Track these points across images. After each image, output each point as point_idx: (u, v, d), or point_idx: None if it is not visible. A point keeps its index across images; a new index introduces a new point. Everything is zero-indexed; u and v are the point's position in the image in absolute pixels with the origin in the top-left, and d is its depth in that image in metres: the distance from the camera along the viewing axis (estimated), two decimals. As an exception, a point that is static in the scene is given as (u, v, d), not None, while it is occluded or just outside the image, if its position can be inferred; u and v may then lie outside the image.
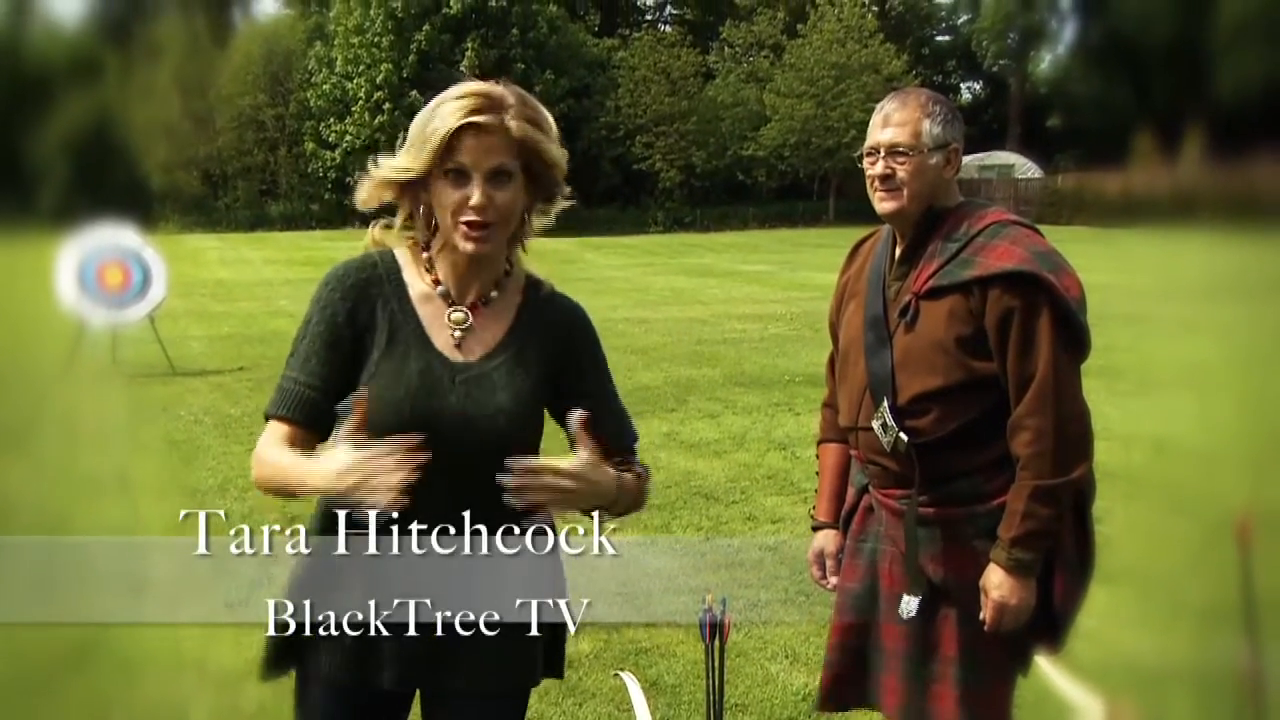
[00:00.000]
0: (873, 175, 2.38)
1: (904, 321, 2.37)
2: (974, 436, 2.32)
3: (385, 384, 1.81)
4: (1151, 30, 5.15)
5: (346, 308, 1.86)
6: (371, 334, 1.85)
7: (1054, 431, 2.23)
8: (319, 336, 1.85)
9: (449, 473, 1.73)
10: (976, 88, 51.59)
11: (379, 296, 1.88)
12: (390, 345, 1.85)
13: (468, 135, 1.80)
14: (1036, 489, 2.24)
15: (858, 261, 2.59)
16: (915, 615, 2.39)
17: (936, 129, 2.34)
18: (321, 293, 1.88)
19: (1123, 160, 6.00)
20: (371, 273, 1.90)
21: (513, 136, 1.82)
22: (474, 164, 1.82)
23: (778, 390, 9.48)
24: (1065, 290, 2.25)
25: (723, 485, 6.49)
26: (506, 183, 1.83)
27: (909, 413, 2.35)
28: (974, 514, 2.34)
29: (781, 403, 8.93)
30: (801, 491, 6.19)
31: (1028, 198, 35.94)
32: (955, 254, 2.33)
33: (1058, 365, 2.24)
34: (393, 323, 1.86)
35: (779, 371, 10.40)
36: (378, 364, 1.83)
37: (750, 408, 8.77)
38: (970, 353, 2.30)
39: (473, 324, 1.90)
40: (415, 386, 1.82)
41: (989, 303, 2.27)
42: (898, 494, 2.41)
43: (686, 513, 5.97)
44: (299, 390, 1.83)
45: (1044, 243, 2.33)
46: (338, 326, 1.85)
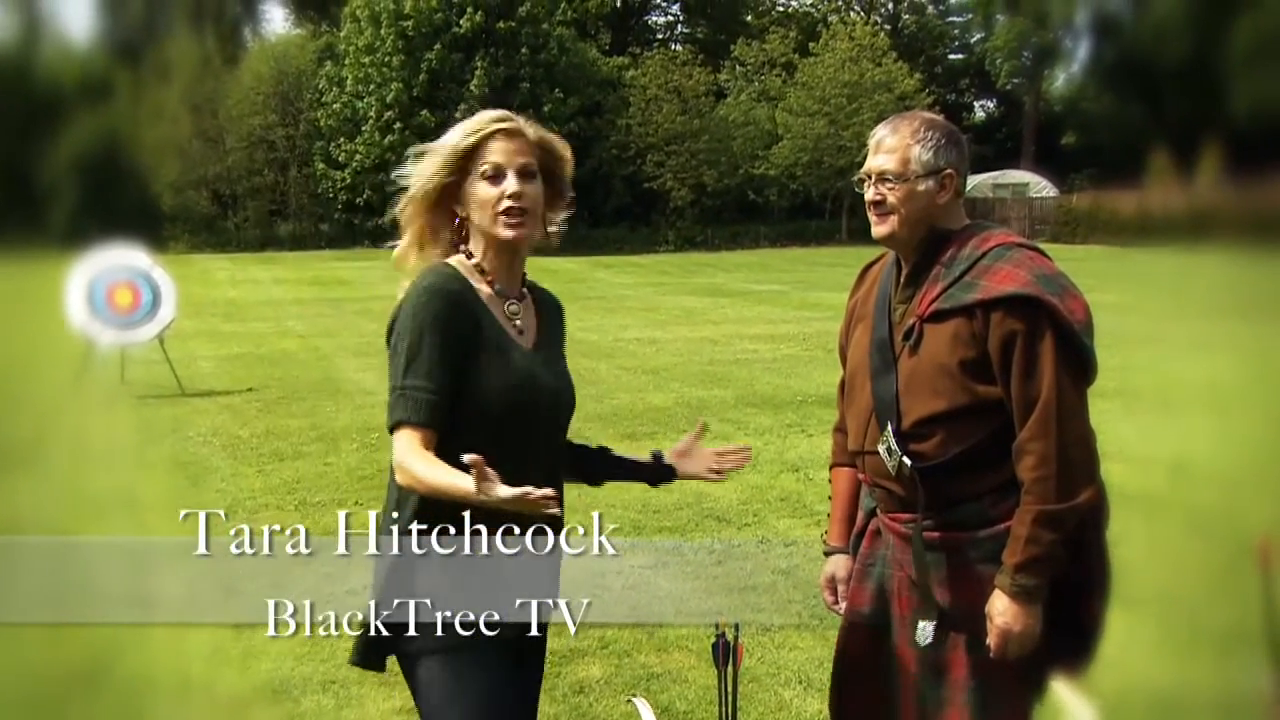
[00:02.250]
0: (866, 200, 2.41)
1: (908, 345, 2.38)
2: (978, 461, 2.32)
3: (498, 376, 2.10)
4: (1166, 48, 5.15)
5: (454, 316, 2.09)
6: (475, 336, 2.11)
7: (1057, 456, 2.23)
8: (437, 347, 2.06)
9: (546, 439, 2.16)
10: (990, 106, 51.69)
11: (469, 302, 2.13)
12: (488, 343, 2.12)
13: (497, 139, 2.16)
14: (1040, 514, 2.24)
15: (866, 284, 2.60)
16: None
17: (927, 155, 2.36)
18: (431, 306, 2.08)
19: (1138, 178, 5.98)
20: (458, 283, 2.14)
21: (531, 140, 2.19)
22: (507, 162, 2.15)
23: (790, 411, 9.47)
24: (1069, 313, 2.25)
25: (735, 507, 6.47)
26: (533, 179, 2.18)
27: (913, 437, 2.35)
28: (978, 539, 2.34)
29: (794, 424, 8.92)
30: (815, 514, 6.16)
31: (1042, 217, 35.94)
32: (959, 277, 2.34)
33: (1061, 389, 2.24)
34: (484, 323, 2.13)
35: (791, 392, 10.39)
36: (486, 361, 2.10)
37: (762, 429, 8.75)
38: (974, 376, 2.30)
39: (521, 315, 2.22)
40: (521, 373, 2.13)
41: (992, 326, 2.28)
42: (904, 518, 2.42)
43: (698, 535, 5.95)
44: (429, 399, 2.04)
45: (1049, 265, 2.33)
46: (450, 335, 2.08)
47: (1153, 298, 11.73)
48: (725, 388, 10.79)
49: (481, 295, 2.17)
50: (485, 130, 2.15)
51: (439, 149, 2.16)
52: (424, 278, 2.13)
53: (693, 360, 12.80)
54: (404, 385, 2.05)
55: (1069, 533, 2.26)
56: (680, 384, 11.04)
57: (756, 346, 13.87)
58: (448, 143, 2.17)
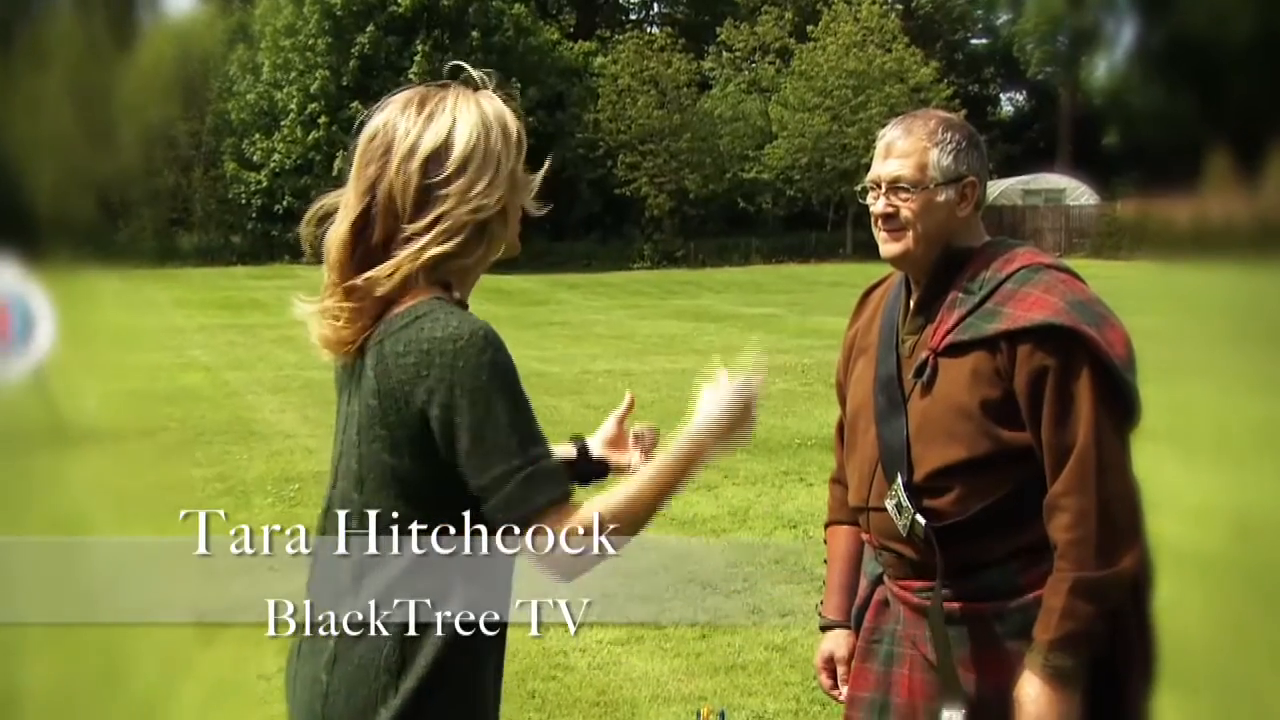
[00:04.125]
0: (875, 212, 2.41)
1: (920, 383, 2.38)
2: (1004, 519, 2.32)
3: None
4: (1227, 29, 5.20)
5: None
6: None
7: (1097, 513, 2.23)
8: (528, 404, 1.97)
9: None
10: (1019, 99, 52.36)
11: None
12: None
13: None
14: (1078, 582, 2.23)
15: (868, 311, 2.61)
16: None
17: (946, 160, 2.37)
18: (506, 362, 1.97)
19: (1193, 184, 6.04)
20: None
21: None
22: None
23: (787, 457, 9.48)
24: (1109, 346, 2.26)
25: (721, 571, 6.46)
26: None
27: (927, 491, 2.35)
28: (1004, 610, 2.34)
29: (791, 471, 8.93)
30: (815, 579, 6.15)
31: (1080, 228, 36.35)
32: (979, 303, 2.35)
33: (1100, 435, 2.25)
34: None
35: (788, 435, 10.41)
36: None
37: (754, 477, 8.75)
38: (998, 420, 2.31)
39: None
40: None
41: (1019, 361, 2.28)
42: (916, 586, 2.41)
43: (678, 604, 5.93)
44: (560, 465, 1.98)
45: (1084, 290, 2.35)
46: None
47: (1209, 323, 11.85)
48: (710, 429, 10.77)
49: None
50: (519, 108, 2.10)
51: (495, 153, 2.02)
52: (467, 322, 1.95)
53: (673, 396, 12.79)
54: (533, 458, 1.93)
55: (1111, 604, 2.26)
56: (658, 424, 11.00)
57: (747, 380, 13.86)
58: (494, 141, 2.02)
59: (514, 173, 2.05)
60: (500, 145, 2.02)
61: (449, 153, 1.99)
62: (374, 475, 1.99)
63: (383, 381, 1.96)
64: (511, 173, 2.04)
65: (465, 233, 2.00)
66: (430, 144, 1.99)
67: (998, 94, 52.59)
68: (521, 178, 2.08)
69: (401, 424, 1.95)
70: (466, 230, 2.00)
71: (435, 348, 1.92)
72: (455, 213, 1.98)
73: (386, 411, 1.96)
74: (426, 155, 1.99)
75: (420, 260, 1.98)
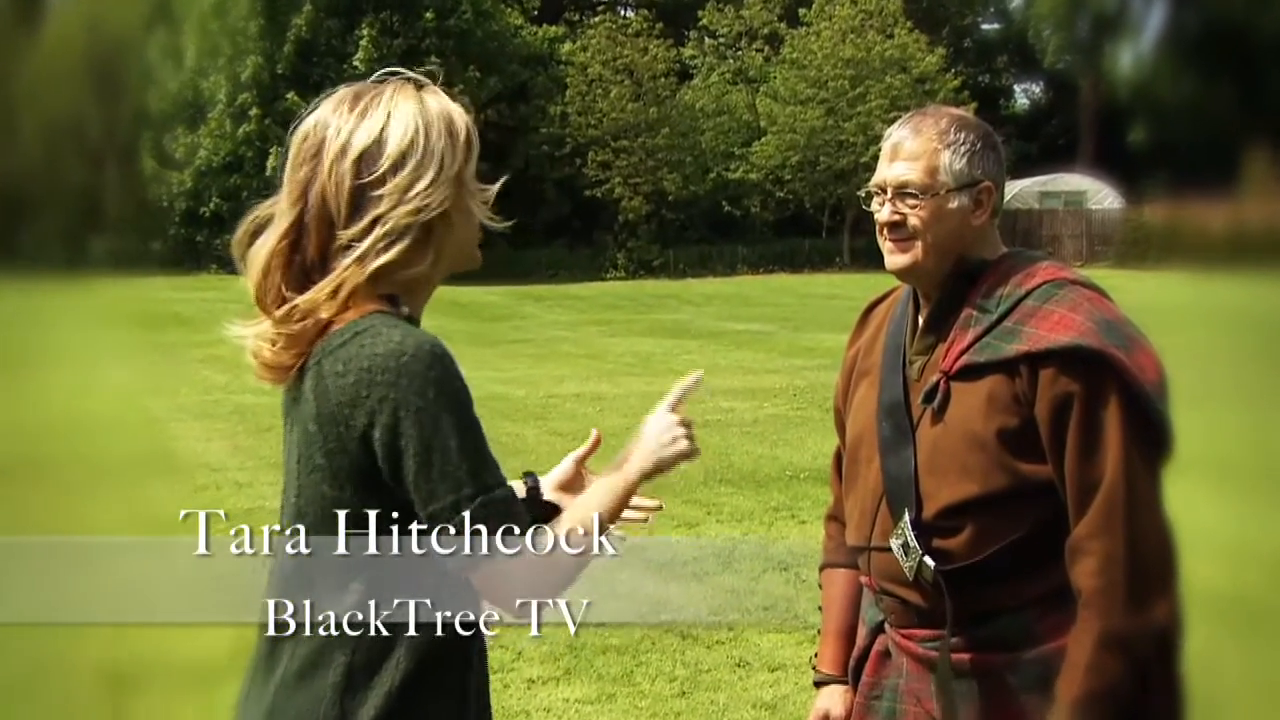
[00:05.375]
0: (880, 220, 2.42)
1: (930, 409, 2.39)
2: (1021, 562, 2.33)
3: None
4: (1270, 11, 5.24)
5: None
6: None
7: (1126, 557, 2.24)
8: (480, 426, 1.99)
9: None
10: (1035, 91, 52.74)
11: None
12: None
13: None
14: (1104, 634, 2.24)
15: (871, 328, 2.62)
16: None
17: (960, 163, 2.39)
18: (456, 380, 1.98)
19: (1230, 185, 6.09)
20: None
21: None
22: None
23: (777, 490, 9.48)
24: (1139, 371, 2.27)
25: (704, 619, 6.45)
26: None
27: (937, 530, 2.36)
28: (1019, 662, 2.34)
29: (782, 507, 8.93)
30: (809, 628, 6.15)
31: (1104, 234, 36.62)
32: (997, 322, 2.36)
33: (1130, 469, 2.26)
34: None
35: (779, 466, 10.42)
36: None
37: (741, 514, 8.76)
38: (1016, 451, 2.32)
39: None
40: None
41: (1040, 386, 2.29)
42: (921, 635, 2.42)
43: (655, 657, 5.92)
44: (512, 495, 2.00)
45: (1113, 309, 2.36)
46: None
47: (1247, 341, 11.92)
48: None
49: None
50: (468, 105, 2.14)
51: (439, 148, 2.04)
52: (412, 336, 1.96)
53: (648, 423, 12.77)
54: (484, 486, 1.95)
55: (1142, 659, 2.26)
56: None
57: (733, 404, 13.90)
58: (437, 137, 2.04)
59: (461, 175, 2.06)
60: (443, 142, 2.04)
61: (383, 149, 2.00)
62: (314, 509, 2.00)
63: (321, 404, 1.96)
64: (459, 175, 2.05)
65: (408, 238, 2.00)
66: (363, 141, 2.00)
67: (1011, 85, 52.99)
68: (472, 182, 2.09)
69: (342, 450, 1.95)
70: (409, 235, 2.00)
71: (377, 365, 1.92)
72: (393, 214, 1.99)
73: (326, 438, 1.96)
74: (359, 153, 2.00)
75: (365, 272, 1.98)
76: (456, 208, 2.05)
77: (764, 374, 16.58)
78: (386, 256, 1.99)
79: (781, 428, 12.36)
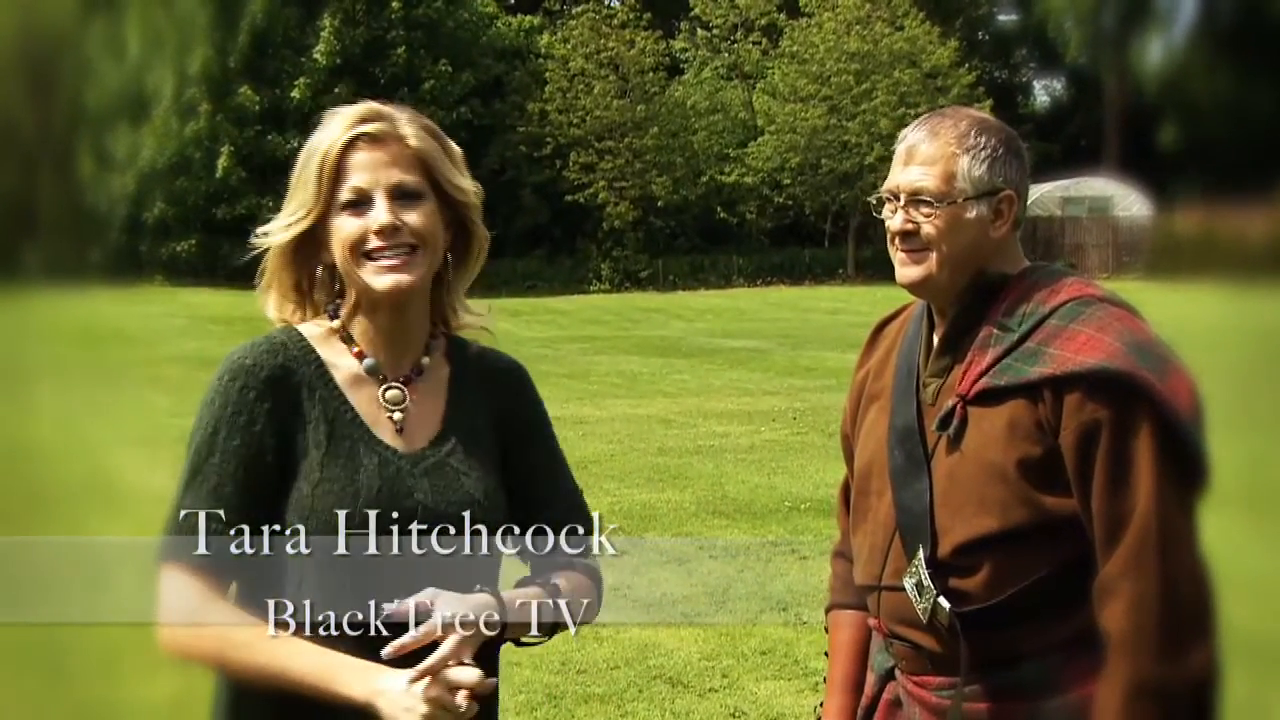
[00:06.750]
0: (891, 229, 2.43)
1: (945, 436, 2.39)
2: (1043, 603, 2.34)
3: (338, 490, 2.16)
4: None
5: (266, 409, 2.17)
6: (303, 433, 2.19)
7: (1160, 599, 2.24)
8: (234, 454, 2.14)
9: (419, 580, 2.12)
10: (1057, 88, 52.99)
11: (302, 385, 2.21)
12: (332, 442, 2.19)
13: (359, 151, 2.19)
14: (1136, 683, 2.24)
15: (881, 348, 2.63)
16: None
17: (979, 169, 2.40)
18: (227, 394, 2.17)
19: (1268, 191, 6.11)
20: (285, 358, 2.21)
21: (411, 147, 2.22)
22: (373, 182, 2.19)
23: (775, 523, 9.49)
24: (1173, 397, 2.28)
25: (695, 665, 6.45)
26: (416, 203, 2.21)
27: (953, 568, 2.37)
28: (1042, 711, 2.35)
29: (781, 542, 8.92)
30: (811, 675, 6.17)
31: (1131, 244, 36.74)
32: (1018, 342, 2.37)
33: (1163, 504, 2.26)
34: (328, 414, 2.21)
35: (776, 496, 10.42)
36: (322, 467, 2.17)
37: (736, 549, 8.75)
38: (1038, 483, 2.32)
39: (410, 402, 2.27)
40: (376, 488, 2.18)
41: (1066, 413, 2.30)
42: (934, 683, 2.42)
43: (642, 706, 5.92)
44: (213, 527, 2.14)
45: (1143, 328, 2.37)
46: (257, 436, 2.16)
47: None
48: (682, 489, 10.79)
49: (334, 374, 2.24)
50: (340, 139, 2.19)
51: (301, 178, 2.22)
52: (236, 350, 2.21)
53: (636, 449, 12.79)
54: (178, 507, 2.15)
55: (1177, 710, 2.26)
56: (617, 483, 11.02)
57: (728, 429, 13.91)
58: (298, 171, 2.23)
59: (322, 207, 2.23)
60: (309, 173, 2.22)
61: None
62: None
63: None
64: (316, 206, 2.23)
65: (271, 259, 2.27)
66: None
67: (1030, 81, 53.24)
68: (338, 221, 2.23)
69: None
70: (270, 257, 2.27)
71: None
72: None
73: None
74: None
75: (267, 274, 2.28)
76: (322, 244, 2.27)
77: (761, 395, 16.60)
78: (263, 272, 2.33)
79: (780, 454, 12.37)
